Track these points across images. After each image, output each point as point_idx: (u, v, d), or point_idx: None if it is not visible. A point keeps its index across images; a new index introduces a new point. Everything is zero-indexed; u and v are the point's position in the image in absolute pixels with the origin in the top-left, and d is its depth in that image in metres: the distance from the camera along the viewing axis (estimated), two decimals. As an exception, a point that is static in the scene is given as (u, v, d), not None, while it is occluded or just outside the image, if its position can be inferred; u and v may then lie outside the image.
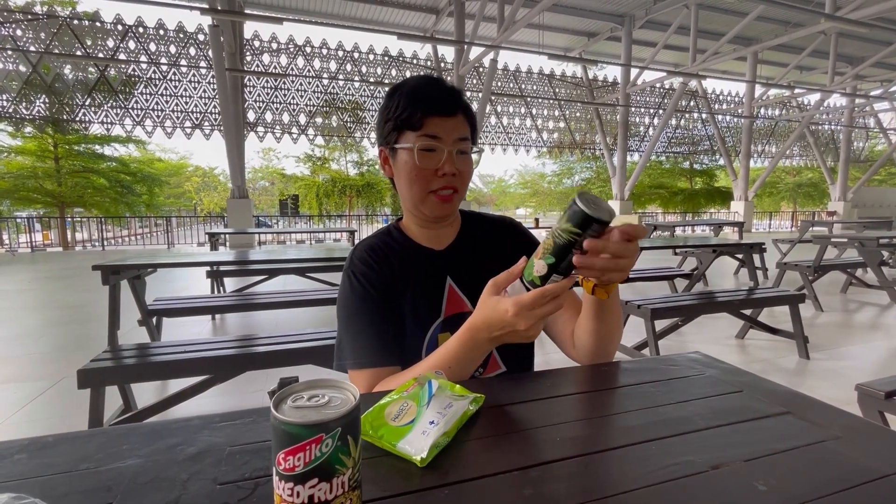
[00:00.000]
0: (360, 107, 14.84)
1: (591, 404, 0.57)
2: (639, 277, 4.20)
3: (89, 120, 12.40)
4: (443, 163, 0.74)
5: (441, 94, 0.75)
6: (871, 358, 3.05)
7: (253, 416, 0.51)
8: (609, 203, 0.54)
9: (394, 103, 0.75)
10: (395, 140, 0.76)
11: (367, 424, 0.46)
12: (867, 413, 1.53)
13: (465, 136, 0.76)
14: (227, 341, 1.96)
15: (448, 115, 0.74)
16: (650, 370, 0.67)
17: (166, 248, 11.61)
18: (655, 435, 0.48)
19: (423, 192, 0.76)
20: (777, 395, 0.59)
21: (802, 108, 18.65)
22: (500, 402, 0.56)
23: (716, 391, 0.60)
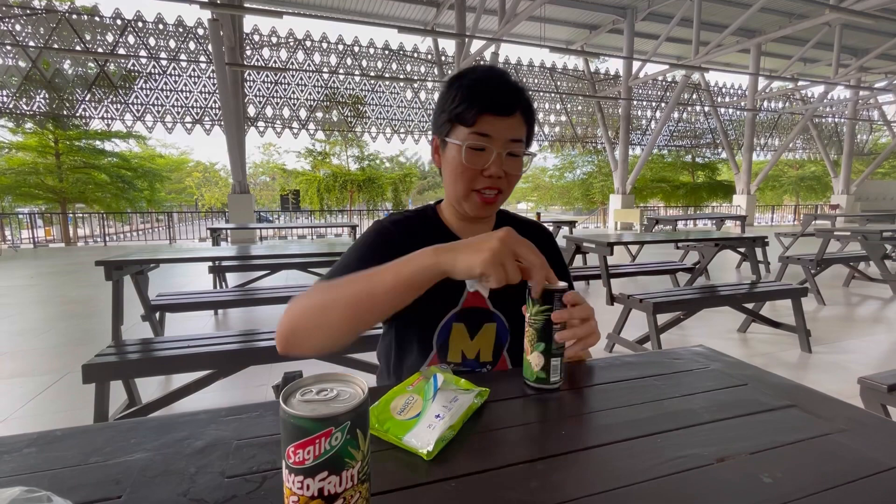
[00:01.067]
0: (361, 101, 14.78)
1: (596, 398, 0.57)
2: (641, 272, 4.19)
3: (89, 115, 12.38)
4: (490, 164, 0.72)
5: (501, 91, 0.72)
6: (874, 351, 3.05)
7: (259, 410, 0.51)
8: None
9: (451, 94, 0.73)
10: (446, 132, 0.75)
11: (373, 418, 0.47)
12: (869, 406, 1.53)
13: (518, 137, 0.74)
14: (230, 336, 1.96)
15: (504, 115, 0.72)
16: (654, 364, 0.67)
17: (168, 243, 11.64)
18: (661, 428, 0.49)
19: (466, 190, 0.74)
20: (782, 388, 0.59)
21: (806, 100, 18.52)
22: (505, 396, 0.56)
23: (720, 384, 0.60)
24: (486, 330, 0.77)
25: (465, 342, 0.77)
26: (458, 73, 0.75)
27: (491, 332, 0.78)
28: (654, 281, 5.10)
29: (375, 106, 14.95)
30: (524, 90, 0.75)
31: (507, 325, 0.78)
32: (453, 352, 0.76)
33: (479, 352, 0.78)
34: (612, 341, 3.04)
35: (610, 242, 3.12)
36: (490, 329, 0.77)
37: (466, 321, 0.76)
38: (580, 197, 22.16)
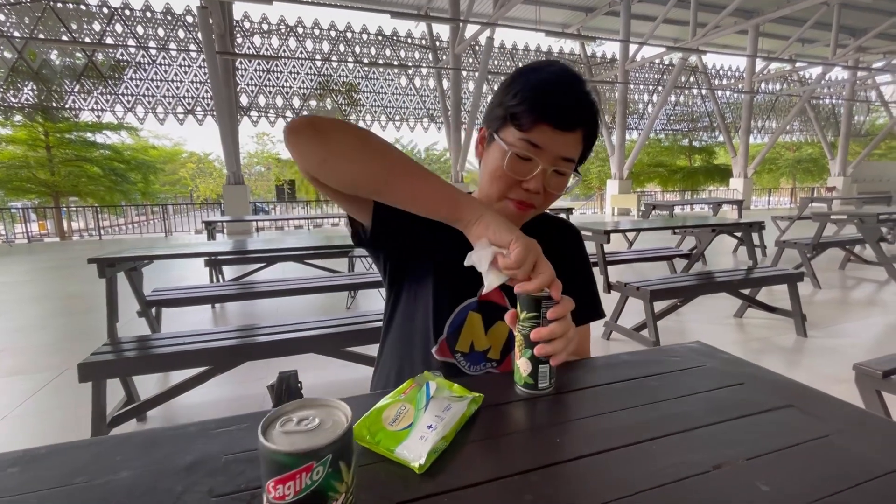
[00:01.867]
0: (355, 88, 14.60)
1: (592, 401, 0.56)
2: (638, 258, 4.19)
3: (79, 107, 12.20)
4: (532, 177, 0.66)
5: (567, 102, 0.65)
6: (869, 335, 3.07)
7: (248, 420, 0.50)
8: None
9: (513, 89, 0.66)
10: (497, 128, 0.69)
11: (364, 429, 0.46)
12: (865, 392, 1.54)
13: (571, 157, 0.68)
14: (227, 332, 1.96)
15: (563, 130, 0.65)
16: (651, 362, 0.67)
17: (164, 236, 11.56)
18: (657, 433, 0.48)
19: (500, 195, 0.70)
20: (779, 387, 0.59)
21: (804, 82, 18.39)
22: (499, 401, 0.55)
23: (717, 384, 0.59)
24: (500, 327, 0.76)
25: (478, 334, 0.75)
26: (529, 66, 0.68)
27: (504, 330, 0.76)
28: (652, 267, 5.11)
29: (370, 93, 14.77)
30: (594, 104, 0.68)
31: None
32: (463, 340, 0.75)
33: (490, 348, 0.77)
34: (610, 329, 3.05)
35: (607, 230, 3.11)
36: (503, 327, 0.76)
37: (484, 312, 0.74)
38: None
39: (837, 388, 2.28)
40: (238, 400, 2.24)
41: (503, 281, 0.54)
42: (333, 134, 0.57)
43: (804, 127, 20.38)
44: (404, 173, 0.57)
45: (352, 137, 0.57)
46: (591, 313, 0.85)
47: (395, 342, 0.80)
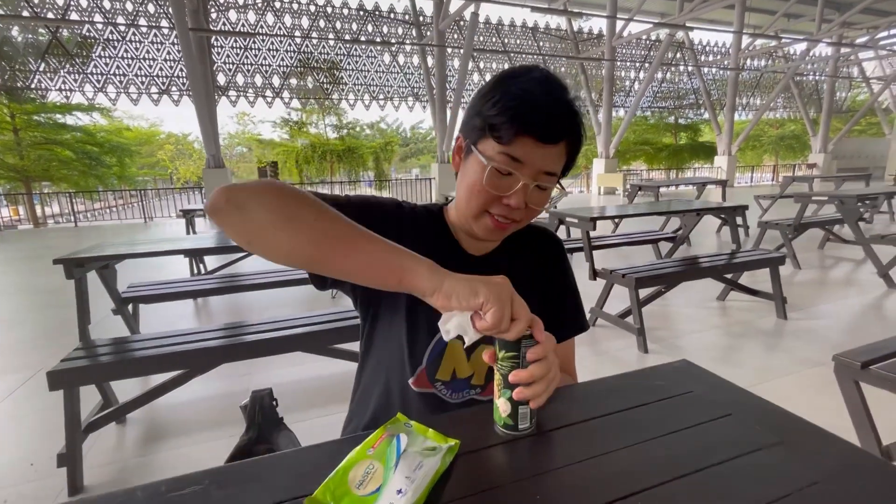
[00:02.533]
0: (336, 66, 14.15)
1: (576, 442, 0.53)
2: (623, 242, 4.20)
3: (46, 87, 11.62)
4: (512, 193, 0.62)
5: (551, 112, 0.60)
6: (846, 316, 3.14)
7: (204, 480, 0.46)
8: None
9: (492, 97, 0.61)
10: (475, 139, 0.64)
11: (327, 493, 0.42)
12: (843, 383, 1.56)
13: (554, 170, 0.63)
14: (208, 332, 1.89)
15: (546, 143, 0.61)
16: (636, 389, 0.64)
17: (143, 222, 11.25)
18: (642, 484, 0.45)
19: (478, 211, 0.66)
20: (767, 418, 0.57)
21: (788, 58, 18.39)
22: (477, 446, 0.52)
23: (704, 416, 0.57)
24: (483, 351, 0.72)
25: (460, 361, 0.72)
26: (508, 72, 0.63)
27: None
28: (637, 251, 5.14)
29: (352, 71, 14.35)
30: (577, 114, 0.63)
31: None
32: (444, 369, 0.71)
33: (473, 374, 0.73)
34: (595, 315, 3.06)
35: (592, 217, 3.09)
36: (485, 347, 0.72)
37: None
38: (564, 161, 21.98)
39: (814, 370, 2.33)
40: (220, 399, 2.20)
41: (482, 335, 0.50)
42: (252, 209, 0.50)
43: (788, 104, 20.50)
44: (339, 244, 0.50)
45: (273, 210, 0.50)
46: (575, 328, 0.82)
47: (374, 368, 0.76)
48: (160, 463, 1.73)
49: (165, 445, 1.84)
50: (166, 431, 1.94)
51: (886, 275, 3.75)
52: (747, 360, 2.51)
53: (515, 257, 0.78)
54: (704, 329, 2.96)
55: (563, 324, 0.80)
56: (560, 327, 0.79)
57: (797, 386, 2.19)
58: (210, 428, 1.95)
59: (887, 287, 3.72)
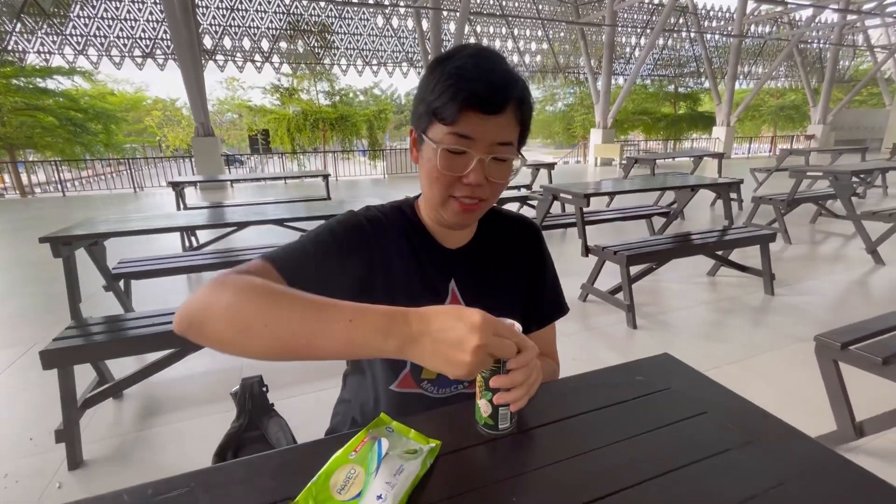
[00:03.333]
0: (328, 29, 13.63)
1: (553, 442, 0.55)
2: (617, 217, 4.20)
3: (23, 49, 11.14)
4: (469, 170, 0.62)
5: (489, 82, 0.59)
6: (832, 292, 3.20)
7: (190, 482, 0.47)
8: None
9: (431, 82, 0.61)
10: (424, 127, 0.64)
11: (309, 499, 0.43)
12: (823, 362, 1.61)
13: (507, 140, 0.62)
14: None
15: (491, 113, 0.60)
16: (616, 385, 0.66)
17: (133, 191, 11.07)
18: (617, 485, 0.47)
19: (443, 197, 0.65)
20: (741, 417, 0.58)
21: (794, 24, 17.90)
22: (459, 446, 0.53)
23: (681, 414, 0.59)
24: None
25: None
26: (443, 55, 0.63)
27: None
28: (630, 226, 5.14)
29: (344, 35, 13.84)
30: (519, 80, 0.62)
31: None
32: (428, 369, 0.72)
33: None
34: (586, 291, 3.10)
35: (587, 194, 3.07)
36: None
37: None
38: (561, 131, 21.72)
39: (797, 346, 2.39)
40: (213, 374, 2.23)
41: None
42: (209, 326, 0.48)
43: (790, 73, 20.12)
44: (295, 343, 0.46)
45: (227, 325, 0.47)
46: (555, 312, 0.83)
47: (359, 369, 0.77)
48: (156, 438, 1.77)
49: (161, 420, 1.88)
50: (161, 407, 1.98)
51: (874, 251, 3.80)
52: (733, 335, 2.57)
53: (493, 247, 0.78)
54: (693, 305, 3.01)
55: (543, 309, 0.82)
56: (541, 313, 0.81)
57: (780, 361, 2.25)
58: (204, 403, 1.99)
59: (874, 263, 3.77)
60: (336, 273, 0.64)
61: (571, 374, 0.68)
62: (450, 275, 0.73)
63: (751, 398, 0.61)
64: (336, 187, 10.44)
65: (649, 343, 2.50)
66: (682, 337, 2.56)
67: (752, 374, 2.14)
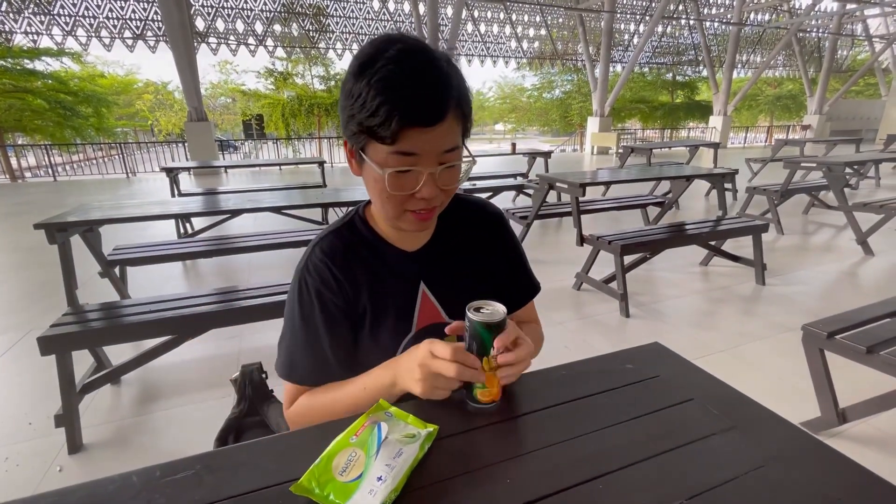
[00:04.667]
0: (323, 12, 13.38)
1: (546, 426, 0.57)
2: (612, 207, 4.22)
3: (10, 30, 10.87)
4: (420, 186, 0.59)
5: (425, 94, 0.54)
6: (821, 282, 3.25)
7: (196, 465, 0.49)
8: None
9: (358, 94, 0.55)
10: (362, 145, 0.60)
11: (313, 480, 0.45)
12: (809, 351, 1.65)
13: (452, 146, 0.59)
14: (197, 297, 1.91)
15: (433, 125, 0.56)
16: (606, 374, 0.68)
17: (125, 177, 10.94)
18: (603, 468, 0.49)
19: (396, 213, 0.64)
20: (725, 403, 0.61)
21: (793, 12, 17.77)
22: (455, 430, 0.56)
23: (667, 401, 0.61)
24: (450, 341, 0.75)
25: None
26: (362, 58, 0.56)
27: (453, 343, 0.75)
28: (625, 215, 5.17)
29: (340, 18, 13.60)
30: (453, 78, 0.58)
31: None
32: None
33: None
34: (581, 280, 3.13)
35: (582, 184, 3.08)
36: (452, 341, 0.75)
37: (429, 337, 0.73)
38: (558, 119, 21.58)
39: (785, 335, 2.44)
40: (211, 360, 2.25)
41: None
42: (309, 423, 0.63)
43: (787, 62, 20.06)
44: (354, 405, 0.65)
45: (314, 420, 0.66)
46: (530, 292, 0.85)
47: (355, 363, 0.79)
48: (155, 423, 1.80)
49: (159, 406, 1.90)
50: (160, 392, 2.00)
51: (865, 242, 3.85)
52: (724, 324, 2.61)
53: (456, 240, 0.77)
54: (685, 294, 3.06)
55: (519, 292, 0.83)
56: (518, 295, 0.83)
57: (769, 350, 2.30)
58: (202, 389, 2.01)
59: (864, 254, 3.83)
60: (339, 331, 0.70)
61: (564, 361, 0.70)
62: (418, 277, 0.73)
63: (739, 386, 0.64)
64: (332, 173, 10.36)
65: (641, 331, 2.54)
66: (673, 326, 2.60)
67: (740, 363, 2.19)
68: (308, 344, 0.69)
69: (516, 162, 9.29)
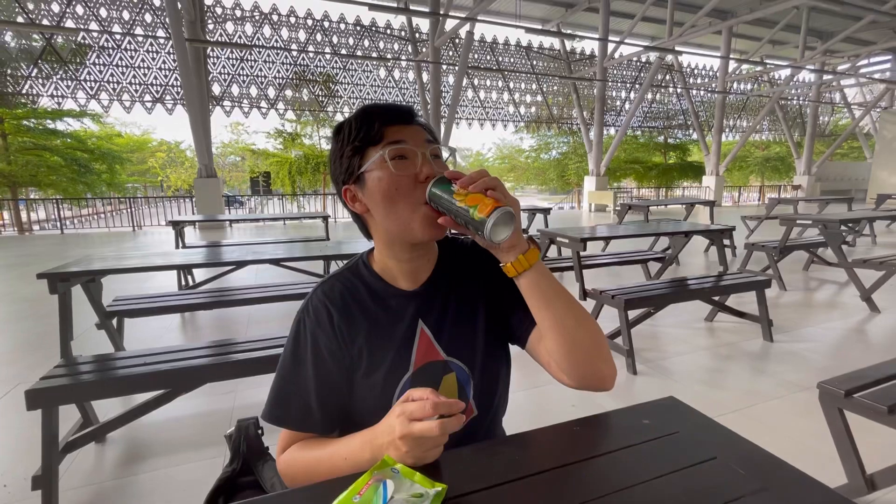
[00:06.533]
0: (332, 79, 14.27)
1: (564, 485, 0.53)
2: (613, 262, 4.24)
3: (37, 93, 11.54)
4: (420, 166, 0.66)
5: (392, 106, 0.69)
6: (831, 339, 3.19)
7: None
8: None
9: (344, 133, 0.68)
10: (358, 165, 0.67)
11: (313, 545, 0.42)
12: (828, 410, 1.58)
13: (431, 138, 0.70)
14: (194, 349, 1.87)
15: (407, 124, 0.68)
16: (622, 429, 0.65)
17: (132, 230, 11.12)
18: (628, 534, 0.45)
19: (409, 209, 0.65)
20: (753, 462, 0.57)
21: (773, 82, 18.94)
22: (463, 491, 0.52)
23: (689, 460, 0.57)
24: (447, 382, 0.72)
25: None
26: (339, 123, 0.71)
27: (452, 383, 0.72)
28: (626, 270, 5.18)
29: (347, 84, 14.47)
30: (413, 108, 0.72)
31: (468, 371, 0.73)
32: None
33: None
34: (585, 335, 3.07)
35: (583, 238, 3.12)
36: (451, 380, 0.72)
37: (423, 381, 0.70)
38: (555, 178, 22.30)
39: (800, 395, 2.35)
40: (203, 417, 2.15)
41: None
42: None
43: (773, 126, 21.05)
44: (335, 472, 0.60)
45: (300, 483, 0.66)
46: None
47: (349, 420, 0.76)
48: (139, 486, 1.68)
49: (145, 467, 1.79)
50: (147, 451, 1.90)
51: (869, 298, 3.83)
52: (734, 383, 2.53)
53: (455, 277, 0.77)
54: (692, 350, 2.99)
55: (527, 318, 0.74)
56: (530, 324, 0.73)
57: (784, 411, 2.20)
58: (192, 448, 1.91)
59: (870, 311, 3.79)
60: (324, 384, 0.69)
61: (574, 418, 0.67)
62: (416, 315, 0.72)
63: (760, 444, 0.60)
64: (335, 228, 10.53)
65: (650, 389, 2.45)
66: (683, 383, 2.52)
67: (756, 423, 2.09)
68: (294, 384, 0.69)
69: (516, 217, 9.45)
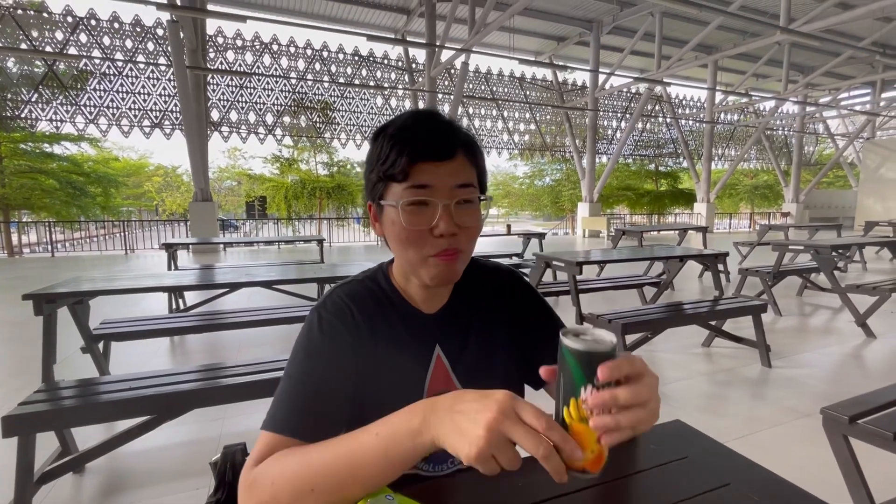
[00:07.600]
0: (330, 107, 14.53)
1: (567, 515, 0.50)
2: (608, 286, 4.23)
3: (36, 117, 11.62)
4: (437, 220, 0.59)
5: (432, 132, 0.60)
6: (829, 365, 3.16)
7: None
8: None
9: (376, 150, 0.62)
10: (380, 194, 0.62)
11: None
12: (832, 437, 1.55)
13: (466, 181, 0.61)
14: (180, 374, 1.81)
15: (442, 160, 0.59)
16: (629, 454, 0.62)
17: (123, 253, 11.01)
18: (641, 567, 0.42)
19: (418, 257, 0.61)
20: (766, 488, 0.55)
21: (759, 113, 19.55)
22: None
23: (703, 486, 0.55)
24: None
25: None
26: (383, 124, 0.64)
27: None
28: (621, 295, 5.17)
29: (345, 112, 14.73)
30: (461, 128, 0.63)
31: None
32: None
33: None
34: (582, 361, 3.02)
35: (579, 262, 3.12)
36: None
37: None
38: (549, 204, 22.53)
39: (801, 421, 2.31)
40: (188, 446, 2.07)
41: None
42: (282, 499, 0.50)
43: (760, 155, 21.59)
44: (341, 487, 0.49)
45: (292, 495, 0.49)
46: None
47: None
48: (118, 519, 1.59)
49: (125, 499, 1.70)
50: (128, 482, 1.81)
51: (864, 324, 3.83)
52: (735, 409, 2.48)
53: (475, 304, 0.73)
54: (691, 376, 2.94)
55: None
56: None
57: (787, 438, 2.16)
58: (176, 478, 1.82)
59: (866, 336, 3.78)
60: (331, 388, 0.61)
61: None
62: (433, 340, 0.69)
63: (773, 468, 0.58)
64: (330, 252, 10.49)
65: (650, 416, 2.40)
66: (683, 410, 2.47)
67: (759, 450, 2.04)
68: (303, 384, 0.60)
69: (511, 242, 9.50)
